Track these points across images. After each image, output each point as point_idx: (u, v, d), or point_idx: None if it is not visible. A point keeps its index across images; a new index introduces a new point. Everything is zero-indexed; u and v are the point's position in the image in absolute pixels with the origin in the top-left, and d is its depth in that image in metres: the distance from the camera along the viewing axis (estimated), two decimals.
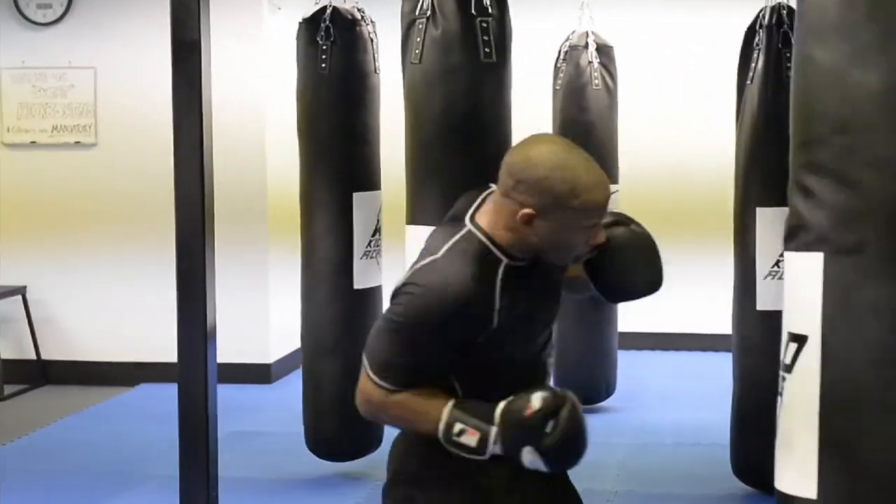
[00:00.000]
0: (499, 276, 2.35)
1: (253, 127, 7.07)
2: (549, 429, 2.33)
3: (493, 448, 2.31)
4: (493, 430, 2.31)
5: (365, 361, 2.37)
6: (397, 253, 4.37)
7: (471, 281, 2.32)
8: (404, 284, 2.37)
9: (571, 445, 2.39)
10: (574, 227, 2.35)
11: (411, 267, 2.42)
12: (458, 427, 2.32)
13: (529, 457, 2.32)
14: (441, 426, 2.32)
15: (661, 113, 7.73)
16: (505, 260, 2.37)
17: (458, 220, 2.44)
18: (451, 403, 2.33)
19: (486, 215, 2.40)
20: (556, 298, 2.54)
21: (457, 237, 2.39)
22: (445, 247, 2.38)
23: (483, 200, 2.44)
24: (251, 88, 7.06)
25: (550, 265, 2.47)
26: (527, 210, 2.30)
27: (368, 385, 2.36)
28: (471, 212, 2.43)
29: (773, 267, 4.76)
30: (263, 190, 7.13)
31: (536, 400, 2.31)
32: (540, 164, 2.32)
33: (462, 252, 2.36)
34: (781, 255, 5.03)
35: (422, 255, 2.43)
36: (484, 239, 2.38)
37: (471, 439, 2.32)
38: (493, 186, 2.42)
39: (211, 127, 3.19)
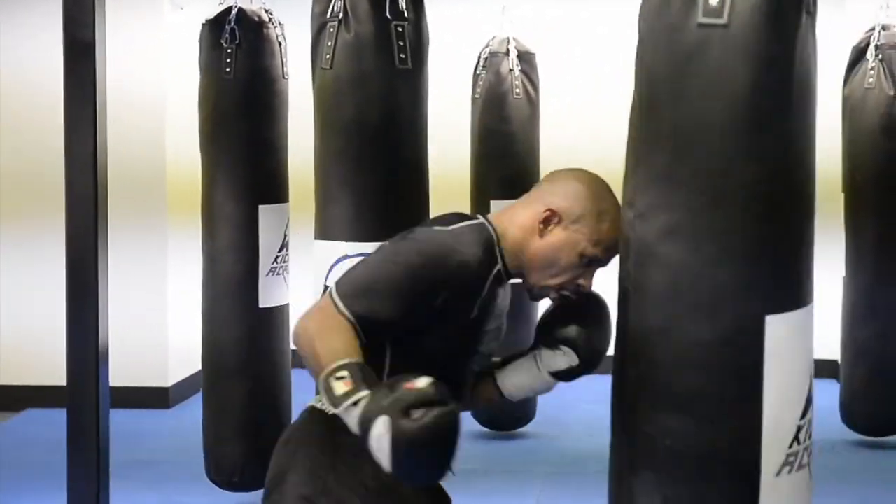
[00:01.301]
0: (492, 272, 2.49)
1: (152, 136, 7.02)
2: (414, 414, 2.20)
3: (352, 410, 2.21)
4: (366, 392, 2.23)
5: (334, 287, 2.42)
6: (305, 269, 4.36)
7: (475, 256, 2.45)
8: (410, 232, 2.50)
9: (426, 449, 2.21)
10: (582, 251, 2.51)
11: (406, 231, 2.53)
12: (342, 372, 2.27)
13: (379, 430, 2.16)
14: (333, 364, 2.28)
15: (584, 123, 7.80)
16: (499, 263, 2.52)
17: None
18: (358, 357, 2.32)
19: (502, 215, 2.58)
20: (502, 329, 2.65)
21: (471, 222, 2.54)
22: (459, 224, 2.52)
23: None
24: (151, 93, 7.01)
25: (508, 298, 2.61)
26: (553, 208, 2.51)
27: (325, 304, 2.40)
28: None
29: None
30: (162, 198, 7.08)
31: (423, 381, 2.24)
32: (585, 182, 2.59)
33: (473, 232, 2.50)
34: None
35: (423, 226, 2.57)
36: (493, 234, 2.52)
37: (341, 386, 2.26)
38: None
39: (105, 131, 3.16)
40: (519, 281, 2.60)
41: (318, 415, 2.49)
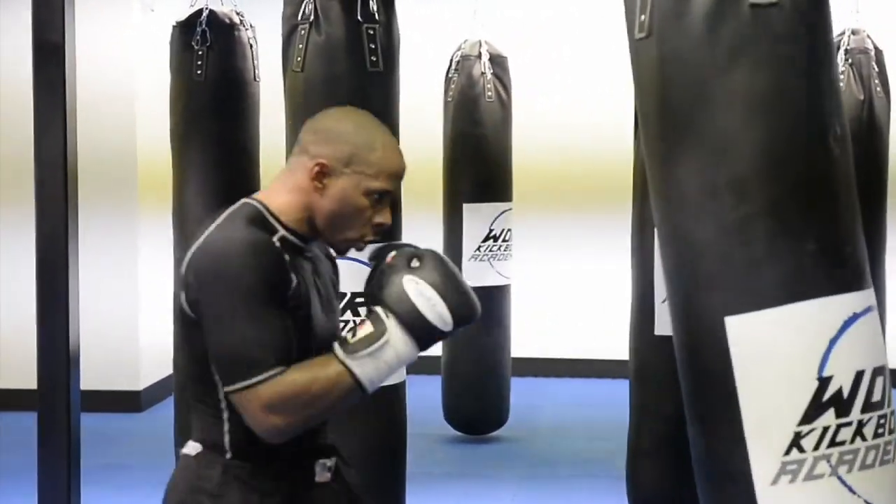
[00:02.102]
0: (275, 241, 2.30)
1: (122, 137, 7.01)
2: (415, 264, 2.27)
3: (388, 320, 2.23)
4: (376, 308, 2.26)
5: (241, 386, 2.22)
6: None
7: (255, 234, 2.28)
8: (193, 274, 2.28)
9: (456, 278, 2.28)
10: (366, 190, 2.33)
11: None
12: (346, 335, 2.25)
13: (414, 286, 2.24)
14: (338, 351, 2.23)
15: (556, 126, 7.82)
16: (280, 230, 2.34)
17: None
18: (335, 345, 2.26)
19: (267, 189, 2.41)
20: (336, 304, 2.51)
21: (227, 211, 2.38)
22: (214, 222, 2.37)
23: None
24: (121, 94, 6.99)
25: (325, 265, 2.46)
26: (321, 160, 2.32)
27: (262, 394, 2.21)
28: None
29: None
30: (133, 199, 7.06)
31: (390, 252, 2.30)
32: (343, 119, 2.41)
33: (231, 217, 2.35)
34: None
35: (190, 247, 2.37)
36: (257, 205, 2.36)
37: (364, 328, 2.25)
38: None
39: (75, 133, 3.15)
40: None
41: (199, 462, 2.39)
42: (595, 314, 7.70)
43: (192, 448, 2.40)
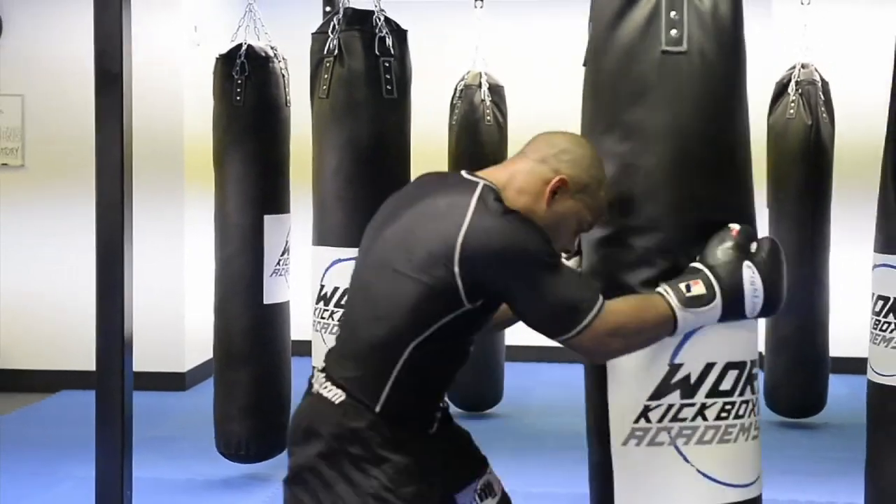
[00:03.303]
0: None
1: (173, 153, 7.02)
2: (753, 248, 2.28)
3: (717, 288, 2.22)
4: (706, 270, 2.24)
5: (581, 327, 2.14)
6: (304, 271, 4.36)
7: (516, 215, 2.17)
8: (484, 260, 2.12)
9: (781, 275, 2.29)
10: (584, 218, 2.26)
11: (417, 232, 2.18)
12: (681, 286, 2.22)
13: (749, 273, 2.24)
14: (671, 297, 2.21)
15: None
16: None
17: (449, 177, 2.31)
18: (661, 286, 2.24)
19: (499, 173, 2.27)
20: None
21: (474, 195, 2.17)
22: (469, 211, 2.15)
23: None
24: (171, 117, 7.00)
25: None
26: (562, 177, 2.21)
27: (599, 327, 2.14)
28: (465, 172, 2.27)
29: None
30: (181, 200, 7.07)
31: (734, 226, 2.28)
32: (586, 147, 2.28)
33: (485, 201, 2.17)
34: None
35: (424, 210, 2.21)
36: (498, 192, 2.21)
37: (698, 287, 2.23)
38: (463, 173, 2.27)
39: (131, 154, 3.15)
40: None
41: (325, 403, 2.24)
42: None
43: (333, 394, 2.23)
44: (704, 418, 2.26)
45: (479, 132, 6.22)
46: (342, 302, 3.86)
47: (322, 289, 3.99)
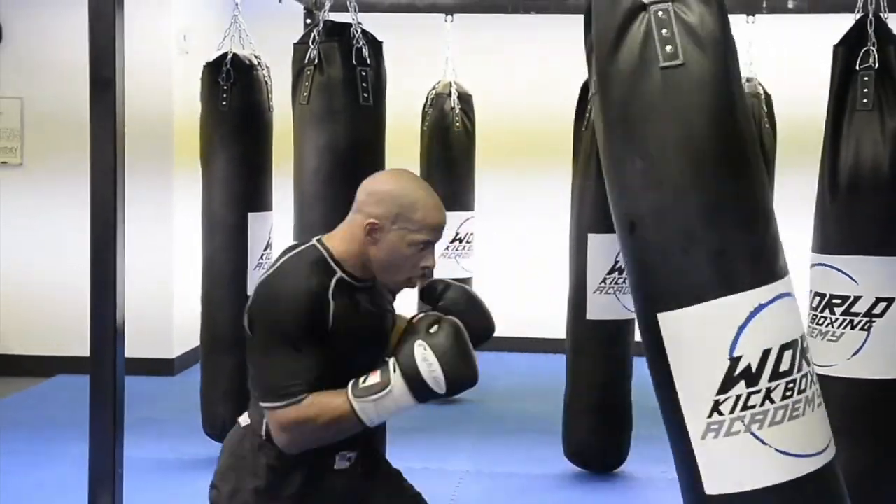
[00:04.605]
0: (332, 284, 2.28)
1: (162, 154, 6.98)
2: (433, 330, 2.25)
3: (394, 375, 2.21)
4: (390, 360, 2.24)
5: (266, 406, 2.24)
6: None
7: (305, 279, 2.26)
8: (252, 302, 2.29)
9: (461, 349, 2.26)
10: (411, 242, 2.31)
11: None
12: (361, 379, 2.23)
13: (421, 352, 2.21)
14: (349, 391, 2.22)
15: (512, 150, 7.83)
16: (339, 272, 2.31)
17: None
18: (350, 384, 2.24)
19: (333, 235, 2.38)
20: (387, 330, 2.44)
21: (298, 249, 2.36)
22: (286, 257, 2.35)
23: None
24: (161, 121, 6.97)
25: (381, 297, 2.42)
26: (372, 220, 2.30)
27: (279, 416, 2.23)
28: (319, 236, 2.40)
29: (600, 283, 4.85)
30: (169, 196, 7.04)
31: (418, 315, 2.29)
32: (391, 182, 2.36)
33: (299, 257, 2.33)
34: (608, 274, 5.14)
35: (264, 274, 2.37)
36: (322, 250, 2.33)
37: (374, 377, 2.23)
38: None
39: (124, 153, 3.13)
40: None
41: (244, 433, 2.40)
42: (539, 302, 7.71)
43: (243, 420, 2.42)
44: (772, 401, 2.24)
45: (448, 137, 6.23)
46: None
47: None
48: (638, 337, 5.34)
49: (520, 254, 7.97)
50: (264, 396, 2.25)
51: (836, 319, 3.47)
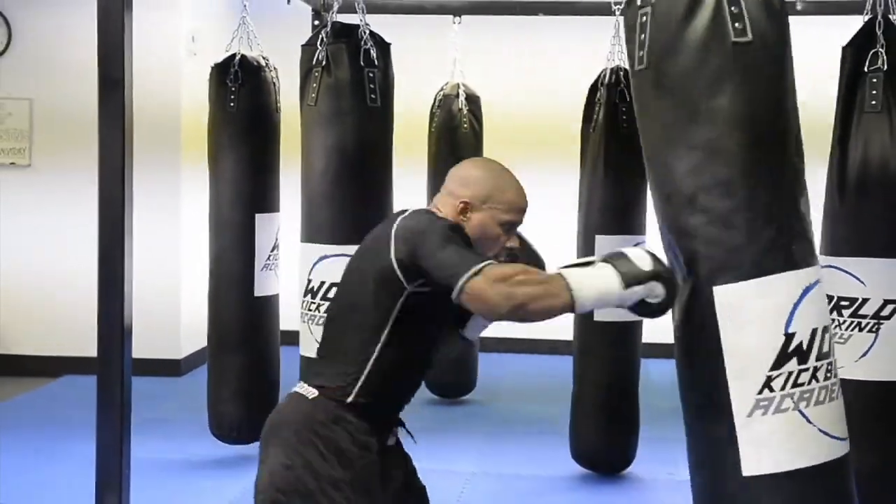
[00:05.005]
0: None
1: (170, 155, 7.00)
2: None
3: (601, 262, 2.25)
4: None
5: (466, 278, 2.21)
6: (292, 266, 4.35)
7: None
8: (403, 236, 2.33)
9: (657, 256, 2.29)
10: (500, 222, 2.45)
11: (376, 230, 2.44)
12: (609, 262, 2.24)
13: (633, 250, 2.26)
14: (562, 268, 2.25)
15: (519, 152, 7.82)
16: None
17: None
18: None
19: (437, 207, 2.49)
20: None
21: (409, 210, 2.44)
22: (404, 215, 2.40)
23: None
24: (169, 122, 6.98)
25: None
26: (465, 199, 2.44)
27: (484, 278, 2.20)
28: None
29: None
30: (178, 197, 7.04)
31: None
32: (482, 167, 2.56)
33: (419, 211, 2.43)
34: None
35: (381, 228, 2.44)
36: (442, 216, 2.43)
37: (588, 260, 2.28)
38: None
39: (132, 154, 3.14)
40: None
41: (314, 405, 2.38)
42: None
43: (308, 391, 2.40)
44: (817, 380, 2.29)
45: (456, 138, 6.23)
46: (328, 295, 3.86)
47: (309, 283, 3.98)
48: (646, 338, 5.36)
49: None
50: (458, 274, 2.22)
51: (844, 321, 3.46)
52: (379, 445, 2.41)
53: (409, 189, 4.76)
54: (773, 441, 2.27)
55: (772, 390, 2.26)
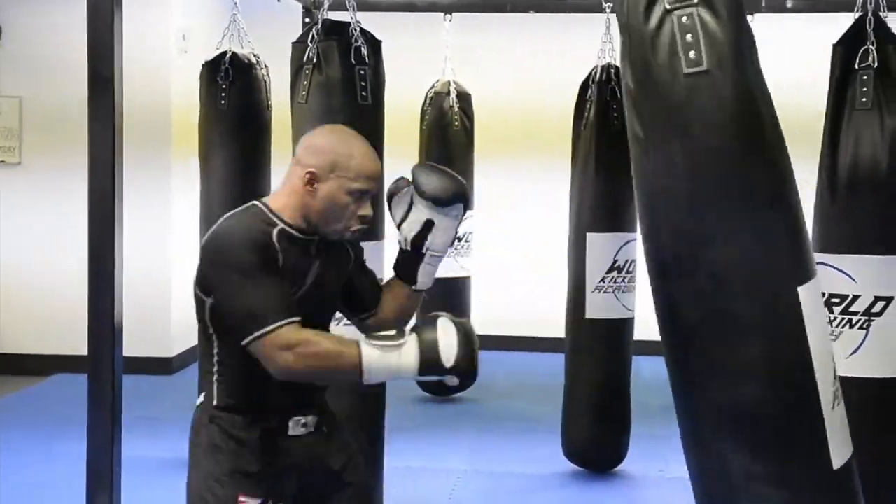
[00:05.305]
0: (273, 233, 2.33)
1: (160, 152, 6.98)
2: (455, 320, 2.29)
3: (410, 336, 2.22)
4: (410, 330, 2.26)
5: (255, 336, 2.23)
6: None
7: (247, 228, 2.33)
8: (202, 261, 2.37)
9: (475, 341, 2.28)
10: (348, 190, 2.36)
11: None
12: (379, 339, 2.23)
13: (444, 323, 2.24)
14: (355, 345, 2.23)
15: (511, 148, 7.83)
16: (279, 224, 2.36)
17: None
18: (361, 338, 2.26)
19: (272, 194, 2.45)
20: (339, 284, 2.49)
21: (237, 209, 2.43)
22: (226, 216, 2.41)
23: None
24: (159, 118, 6.97)
25: (333, 255, 2.44)
26: (311, 169, 2.35)
27: (268, 342, 2.22)
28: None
29: (599, 282, 4.85)
30: (168, 195, 7.03)
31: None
32: (328, 134, 2.46)
33: (240, 213, 2.40)
34: (607, 273, 5.13)
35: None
36: (261, 206, 2.39)
37: (390, 332, 2.25)
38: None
39: (122, 151, 3.12)
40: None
41: (198, 411, 2.52)
42: (538, 300, 7.70)
43: (199, 399, 2.53)
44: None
45: (447, 136, 6.23)
46: None
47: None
48: (638, 336, 5.33)
49: (519, 252, 7.97)
50: (252, 329, 2.24)
51: (835, 318, 3.47)
52: (265, 438, 2.39)
53: None
54: (843, 429, 2.32)
55: (836, 379, 2.31)
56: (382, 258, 4.22)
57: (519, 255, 7.97)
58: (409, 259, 2.56)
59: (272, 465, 2.39)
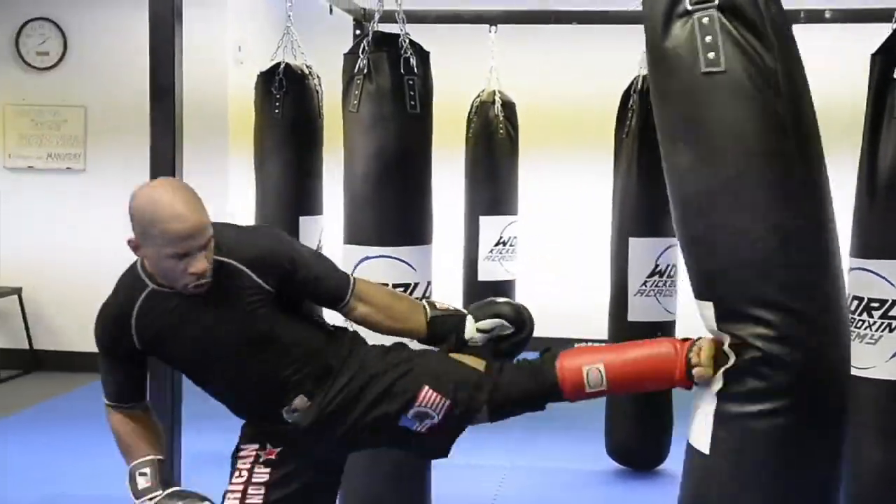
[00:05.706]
0: (139, 299, 2.34)
1: (218, 159, 7.04)
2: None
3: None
4: (161, 491, 2.38)
5: (104, 400, 2.52)
6: None
7: (112, 302, 2.39)
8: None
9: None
10: (163, 254, 2.26)
11: None
12: (144, 469, 2.41)
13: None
14: (138, 460, 2.42)
15: (553, 156, 7.81)
16: (150, 285, 2.36)
17: None
18: (147, 457, 2.40)
19: None
20: (241, 326, 2.39)
21: (133, 262, 2.44)
22: (127, 268, 2.44)
23: None
24: (217, 126, 7.03)
25: (228, 296, 2.35)
26: (129, 237, 2.32)
27: (106, 410, 2.51)
28: None
29: (641, 286, 4.83)
30: (224, 212, 7.08)
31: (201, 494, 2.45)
32: (138, 199, 2.32)
33: (126, 273, 2.44)
34: (648, 277, 5.11)
35: None
36: (138, 267, 2.40)
37: (143, 482, 2.39)
38: None
39: (182, 156, 3.17)
40: None
41: None
42: (581, 303, 7.67)
43: None
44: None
45: (492, 144, 6.22)
46: None
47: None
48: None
49: (562, 256, 7.95)
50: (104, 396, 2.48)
51: (875, 323, 3.43)
52: (263, 435, 2.53)
53: (447, 192, 4.76)
54: None
55: None
56: (431, 260, 4.26)
57: (563, 258, 7.95)
58: (458, 341, 2.72)
59: (286, 452, 2.56)
